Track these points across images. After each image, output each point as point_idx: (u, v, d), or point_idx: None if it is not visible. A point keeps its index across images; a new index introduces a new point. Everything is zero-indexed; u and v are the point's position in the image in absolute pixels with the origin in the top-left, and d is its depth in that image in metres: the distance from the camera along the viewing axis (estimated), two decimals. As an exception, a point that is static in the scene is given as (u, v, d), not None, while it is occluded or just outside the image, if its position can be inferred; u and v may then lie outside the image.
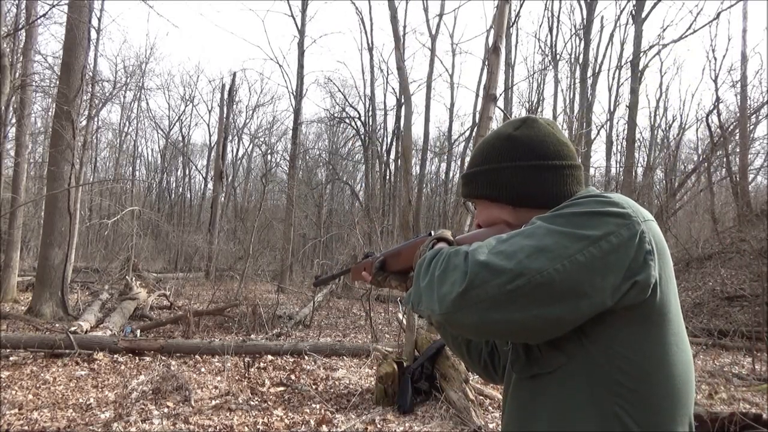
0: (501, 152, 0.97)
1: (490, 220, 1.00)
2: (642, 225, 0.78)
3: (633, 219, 0.78)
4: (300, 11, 18.05)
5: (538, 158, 0.94)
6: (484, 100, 5.02)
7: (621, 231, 0.76)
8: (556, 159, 0.95)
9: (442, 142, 26.78)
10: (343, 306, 11.75)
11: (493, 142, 1.00)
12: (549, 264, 0.73)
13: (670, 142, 20.57)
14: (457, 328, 0.80)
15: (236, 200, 28.51)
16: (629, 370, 0.78)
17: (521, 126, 0.98)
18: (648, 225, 0.79)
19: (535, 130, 0.97)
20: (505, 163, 0.96)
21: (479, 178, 0.99)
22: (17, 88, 9.76)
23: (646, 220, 0.80)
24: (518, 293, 0.73)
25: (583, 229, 0.76)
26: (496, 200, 0.98)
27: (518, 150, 0.95)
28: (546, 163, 0.94)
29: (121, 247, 14.13)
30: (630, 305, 0.77)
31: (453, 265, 0.79)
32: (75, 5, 8.92)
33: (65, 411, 4.19)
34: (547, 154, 0.95)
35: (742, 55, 15.76)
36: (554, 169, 0.94)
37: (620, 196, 0.84)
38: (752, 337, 6.91)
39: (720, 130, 14.48)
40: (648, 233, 0.78)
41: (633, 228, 0.77)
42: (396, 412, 4.37)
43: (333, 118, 25.25)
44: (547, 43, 20.15)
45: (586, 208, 0.79)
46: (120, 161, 28.02)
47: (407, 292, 0.93)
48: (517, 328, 0.76)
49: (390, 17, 6.19)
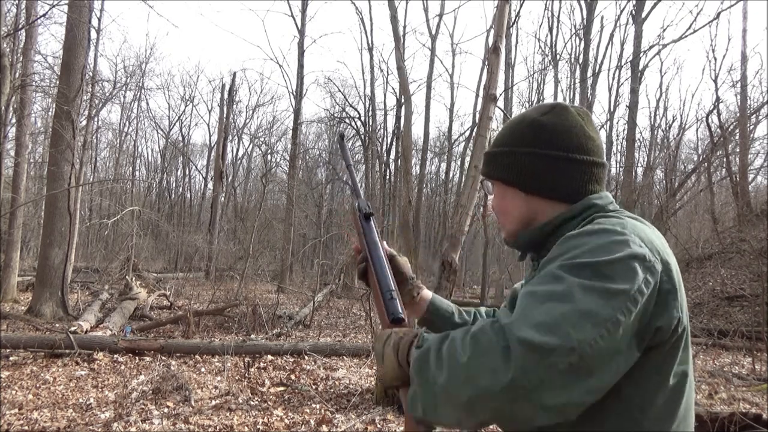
0: (522, 136, 0.93)
1: (502, 208, 0.98)
2: (660, 263, 0.75)
3: (653, 260, 0.74)
4: (300, 11, 18.06)
5: (559, 148, 0.89)
6: (484, 100, 5.02)
7: (648, 277, 0.72)
8: (578, 152, 0.89)
9: (442, 142, 26.79)
10: (343, 306, 11.75)
11: (518, 124, 0.96)
12: (595, 331, 0.66)
13: (670, 142, 20.57)
14: (508, 424, 0.72)
15: (236, 200, 28.50)
16: (647, 410, 0.76)
17: (549, 112, 0.93)
18: (662, 257, 0.76)
19: (563, 118, 0.91)
20: (525, 149, 0.91)
21: (498, 159, 0.96)
22: (17, 88, 9.75)
23: (659, 252, 0.76)
24: (573, 371, 0.65)
25: (615, 282, 0.70)
26: (510, 184, 0.94)
27: (540, 137, 0.90)
28: (566, 155, 0.89)
29: (121, 247, 14.11)
30: (650, 348, 0.74)
31: (484, 348, 0.68)
32: (75, 5, 8.92)
33: (65, 411, 4.19)
34: (570, 145, 0.89)
35: (742, 55, 15.79)
36: (575, 163, 0.89)
37: (630, 224, 0.80)
38: (752, 337, 6.91)
39: (720, 130, 14.49)
40: (665, 269, 0.75)
41: (655, 270, 0.73)
42: (396, 412, 4.37)
43: (333, 118, 25.25)
44: (547, 43, 20.18)
45: (610, 255, 0.72)
46: (120, 161, 28.01)
47: (408, 397, 0.75)
48: (573, 409, 0.68)
49: (390, 17, 6.20)
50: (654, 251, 0.75)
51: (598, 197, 0.90)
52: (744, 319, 8.53)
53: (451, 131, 23.85)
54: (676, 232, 14.29)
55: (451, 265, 4.91)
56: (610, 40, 21.97)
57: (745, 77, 15.64)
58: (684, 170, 18.76)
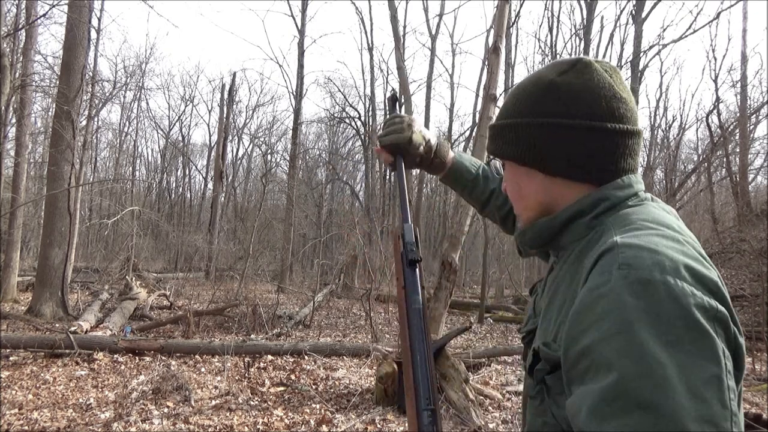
0: (537, 103, 0.75)
1: (521, 193, 0.81)
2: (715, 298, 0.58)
3: (713, 304, 0.57)
4: (300, 11, 18.07)
5: (584, 116, 0.71)
6: (484, 100, 5.02)
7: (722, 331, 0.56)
8: (609, 120, 0.71)
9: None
10: (343, 306, 11.75)
11: (530, 88, 0.77)
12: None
13: (670, 142, 20.58)
14: None
15: (236, 200, 28.51)
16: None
17: (569, 70, 0.74)
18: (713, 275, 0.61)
19: (587, 77, 0.73)
20: (540, 119, 0.74)
21: (506, 133, 0.78)
22: (17, 88, 9.75)
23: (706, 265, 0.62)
24: None
25: (711, 363, 0.53)
26: (524, 163, 0.77)
27: (559, 103, 0.73)
28: (594, 124, 0.71)
29: (121, 247, 14.11)
30: None
31: None
32: (75, 5, 8.92)
33: (65, 411, 4.19)
34: (599, 112, 0.71)
35: (742, 55, 15.79)
36: (605, 134, 0.71)
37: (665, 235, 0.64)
38: (752, 337, 6.92)
39: (720, 130, 14.49)
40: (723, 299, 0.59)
41: (722, 315, 0.57)
42: (396, 412, 4.37)
43: (333, 118, 25.27)
44: (547, 43, 20.18)
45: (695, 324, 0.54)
46: (120, 161, 28.01)
47: None
48: None
49: (390, 17, 6.20)
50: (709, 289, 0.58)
51: (620, 185, 0.73)
52: (744, 319, 8.53)
53: (451, 131, 23.84)
54: (676, 232, 14.27)
55: (451, 265, 4.91)
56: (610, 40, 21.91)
57: (745, 77, 15.67)
58: (684, 170, 18.78)
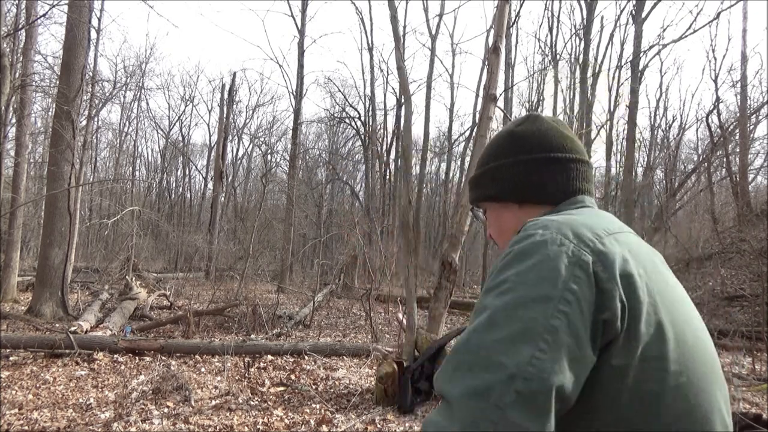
0: (502, 149, 0.94)
1: (501, 228, 0.94)
2: (592, 254, 0.68)
3: (580, 252, 0.68)
4: (300, 11, 18.06)
5: (539, 151, 0.89)
6: (484, 100, 5.02)
7: (576, 272, 0.66)
8: (559, 151, 0.89)
9: (442, 142, 26.79)
10: (343, 306, 11.75)
11: (495, 141, 0.97)
12: (531, 348, 0.61)
13: (670, 142, 20.59)
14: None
15: (236, 200, 28.51)
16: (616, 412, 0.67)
17: (523, 122, 0.95)
18: (597, 247, 0.69)
19: (537, 124, 0.93)
20: (507, 159, 0.92)
21: (482, 179, 0.96)
22: (17, 88, 9.76)
23: (594, 241, 0.70)
24: (523, 398, 0.60)
25: (538, 290, 0.65)
26: (501, 200, 0.93)
27: (519, 144, 0.91)
28: (548, 155, 0.89)
29: (121, 247, 14.12)
30: (606, 345, 0.66)
31: (432, 421, 0.64)
32: (75, 5, 8.92)
33: (65, 411, 4.19)
34: (550, 146, 0.90)
35: (742, 55, 15.77)
36: (558, 162, 0.89)
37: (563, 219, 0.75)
38: (752, 337, 6.91)
39: (720, 130, 14.50)
40: (600, 259, 0.68)
41: (583, 262, 0.67)
42: (396, 412, 4.37)
43: (333, 118, 25.27)
44: (547, 43, 20.17)
45: (527, 261, 0.68)
46: (120, 161, 28.02)
47: None
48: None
49: (390, 17, 6.19)
50: (584, 243, 0.69)
51: (571, 201, 0.88)
52: (744, 319, 8.54)
53: (451, 131, 23.88)
54: (676, 232, 14.29)
55: (451, 265, 4.92)
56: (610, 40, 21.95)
57: (745, 77, 15.65)
58: (684, 170, 18.78)
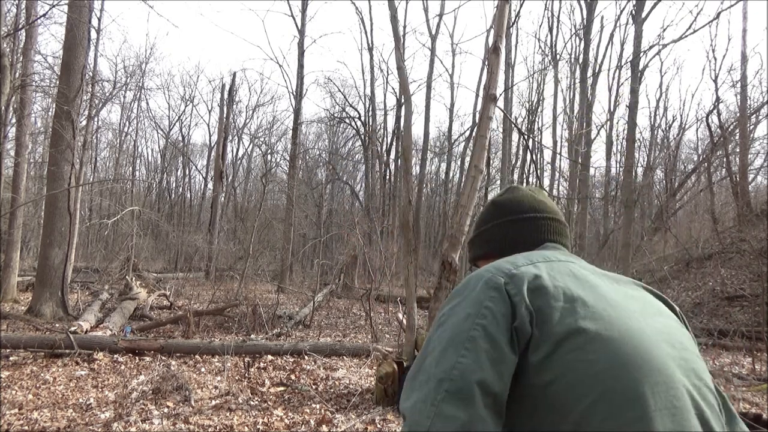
0: (487, 216, 1.14)
1: None
2: (506, 276, 0.83)
3: (496, 275, 0.84)
4: (300, 11, 18.05)
5: (515, 213, 1.09)
6: (484, 100, 5.02)
7: (491, 292, 0.81)
8: (531, 212, 1.08)
9: (442, 142, 26.82)
10: (343, 306, 11.75)
11: (483, 210, 1.18)
12: (455, 355, 0.75)
13: (670, 142, 20.59)
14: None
15: (236, 200, 28.50)
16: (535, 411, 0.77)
17: (504, 193, 1.15)
18: (518, 271, 0.85)
19: (515, 193, 1.12)
20: (490, 223, 1.12)
21: (475, 242, 1.16)
22: (17, 88, 9.75)
23: (519, 266, 0.86)
24: (452, 396, 0.72)
25: (462, 311, 0.81)
26: (490, 257, 1.09)
27: (499, 210, 1.11)
28: (521, 216, 1.08)
29: (121, 247, 14.11)
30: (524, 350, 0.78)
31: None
32: (75, 5, 8.91)
33: (65, 411, 4.19)
34: (524, 209, 1.08)
35: (742, 55, 15.76)
36: (530, 220, 1.07)
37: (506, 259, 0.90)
38: (752, 337, 6.92)
39: (720, 130, 14.50)
40: (513, 279, 0.83)
41: (497, 282, 0.83)
42: (396, 412, 4.37)
43: (333, 118, 25.26)
44: (547, 43, 20.16)
45: (462, 293, 0.85)
46: (120, 161, 28.01)
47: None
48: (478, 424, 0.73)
49: (390, 17, 6.18)
50: (501, 271, 0.85)
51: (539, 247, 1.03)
52: (744, 319, 8.54)
53: (451, 131, 23.88)
54: (676, 232, 14.29)
55: (451, 265, 4.91)
56: (610, 40, 22.01)
57: (745, 77, 15.62)
58: (684, 170, 18.79)
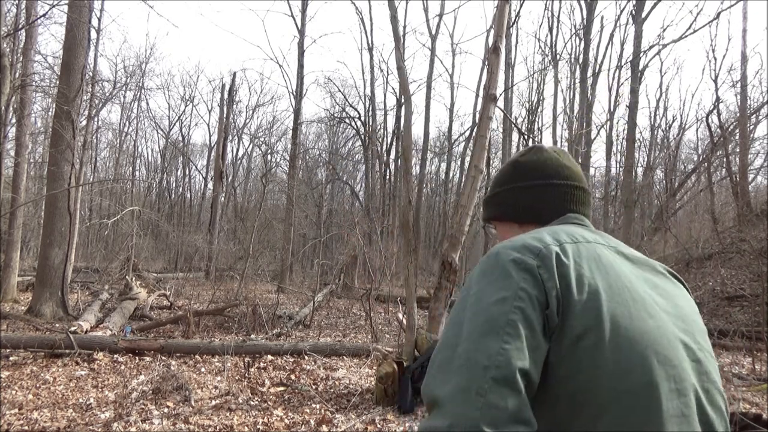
0: (507, 176, 1.06)
1: None
2: (536, 258, 0.78)
3: (526, 258, 0.78)
4: (300, 11, 18.06)
5: (537, 178, 1.00)
6: (484, 100, 5.02)
7: (524, 275, 0.76)
8: (555, 178, 1.00)
9: (442, 142, 26.82)
10: (343, 306, 11.75)
11: (503, 169, 1.10)
12: (498, 342, 0.70)
13: (670, 142, 20.59)
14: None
15: (236, 200, 28.51)
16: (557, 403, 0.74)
17: (527, 153, 1.06)
18: (545, 252, 0.78)
19: (539, 155, 1.03)
20: (509, 185, 1.04)
21: (490, 202, 1.09)
22: (17, 88, 9.75)
23: (545, 247, 0.79)
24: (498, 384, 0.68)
25: (496, 294, 0.75)
26: (504, 220, 1.05)
27: (520, 173, 1.03)
28: (545, 182, 1.00)
29: (121, 247, 14.11)
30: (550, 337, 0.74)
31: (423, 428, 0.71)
32: (75, 5, 8.91)
33: (65, 411, 4.19)
34: (547, 174, 1.00)
35: (742, 55, 15.75)
36: (554, 187, 0.99)
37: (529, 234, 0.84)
38: (752, 337, 6.91)
39: (720, 130, 14.50)
40: (545, 263, 0.77)
41: (530, 265, 0.77)
42: (396, 412, 4.37)
43: (333, 118, 25.27)
44: (547, 43, 20.17)
45: (490, 273, 0.78)
46: (120, 161, 28.01)
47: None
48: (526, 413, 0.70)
49: (390, 17, 6.19)
50: (530, 251, 0.79)
51: (560, 219, 0.96)
52: (744, 319, 8.53)
53: (451, 131, 23.89)
54: (676, 232, 14.29)
55: (451, 265, 4.91)
56: (610, 40, 21.98)
57: (745, 77, 15.62)
58: (684, 170, 18.78)
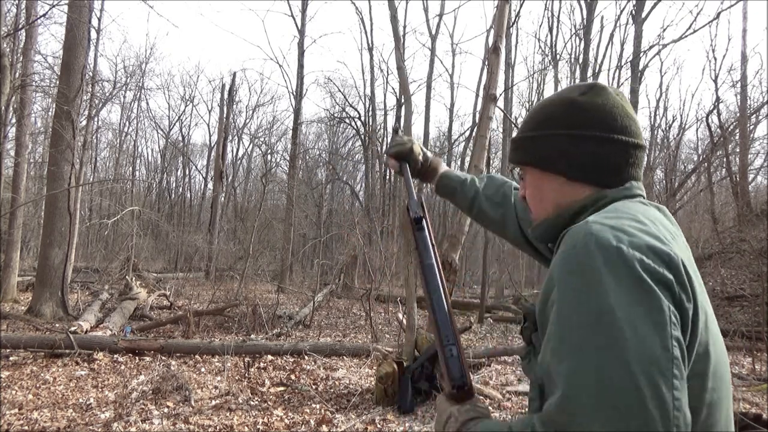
0: (561, 118, 0.86)
1: (541, 197, 0.90)
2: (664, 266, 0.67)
3: (658, 268, 0.67)
4: (300, 11, 18.07)
5: (602, 129, 0.83)
6: (484, 100, 5.02)
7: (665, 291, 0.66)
8: (622, 134, 0.83)
9: (442, 142, 26.79)
10: (343, 306, 11.75)
11: (553, 106, 0.89)
12: (668, 388, 0.60)
13: (670, 142, 20.58)
14: None
15: (236, 200, 28.50)
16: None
17: (588, 92, 0.87)
18: (667, 250, 0.69)
19: (603, 98, 0.85)
20: (564, 130, 0.85)
21: (532, 144, 0.89)
22: (17, 88, 9.75)
23: (664, 244, 0.69)
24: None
25: (655, 313, 0.64)
26: (547, 170, 0.87)
27: (580, 117, 0.84)
28: (611, 137, 0.83)
29: (121, 247, 14.12)
30: None
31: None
32: (75, 5, 8.92)
33: (65, 411, 4.19)
34: (614, 126, 0.83)
35: (742, 55, 15.78)
36: (619, 145, 0.83)
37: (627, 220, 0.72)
38: (752, 337, 6.91)
39: (720, 130, 14.49)
40: (674, 270, 0.68)
41: (667, 278, 0.68)
42: (396, 412, 4.37)
43: (333, 118, 25.27)
44: (547, 43, 20.18)
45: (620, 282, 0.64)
46: (120, 161, 28.01)
47: None
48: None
49: (390, 17, 6.20)
50: (661, 259, 0.67)
51: (621, 189, 0.84)
52: (744, 319, 8.53)
53: (451, 131, 23.89)
54: (676, 232, 14.23)
55: (451, 265, 4.92)
56: (610, 40, 21.92)
57: (745, 77, 15.66)
58: (684, 170, 18.77)
